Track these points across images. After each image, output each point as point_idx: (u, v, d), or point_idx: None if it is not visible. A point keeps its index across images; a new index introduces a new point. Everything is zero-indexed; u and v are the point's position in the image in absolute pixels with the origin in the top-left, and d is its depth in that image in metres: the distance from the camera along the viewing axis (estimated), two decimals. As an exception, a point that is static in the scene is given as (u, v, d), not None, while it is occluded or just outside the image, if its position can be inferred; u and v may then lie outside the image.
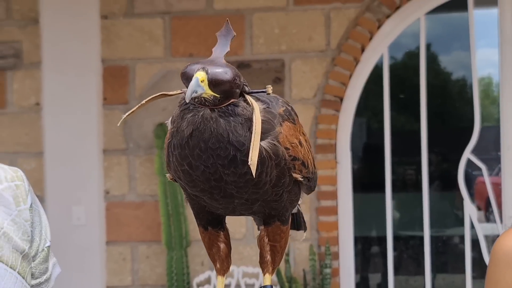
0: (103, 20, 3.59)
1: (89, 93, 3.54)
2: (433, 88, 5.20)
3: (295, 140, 0.73)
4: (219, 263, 0.80)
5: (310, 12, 3.53)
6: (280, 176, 0.71)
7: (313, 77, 3.53)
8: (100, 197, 3.55)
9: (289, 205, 0.77)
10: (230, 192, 0.69)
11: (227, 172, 0.68)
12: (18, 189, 0.85)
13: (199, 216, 0.79)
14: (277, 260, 0.80)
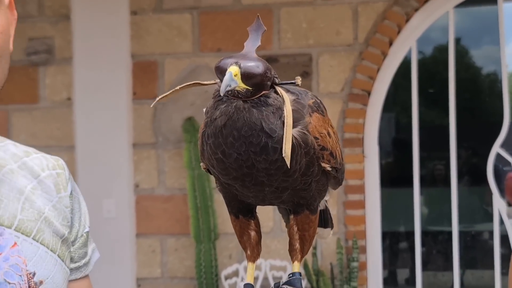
0: (132, 16, 3.64)
1: (119, 88, 3.59)
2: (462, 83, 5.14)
3: (323, 131, 0.75)
4: (249, 250, 0.83)
5: (338, 6, 3.53)
6: (309, 165, 0.73)
7: (341, 71, 3.53)
8: (130, 190, 3.61)
9: (317, 195, 0.79)
10: (261, 180, 0.71)
11: (258, 159, 0.69)
12: (59, 177, 0.88)
13: (231, 205, 0.81)
14: (306, 249, 0.81)
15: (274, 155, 0.69)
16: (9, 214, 0.77)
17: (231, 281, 3.45)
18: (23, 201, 0.80)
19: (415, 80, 3.66)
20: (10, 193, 0.79)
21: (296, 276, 0.78)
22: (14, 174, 0.82)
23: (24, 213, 0.79)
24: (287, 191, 0.74)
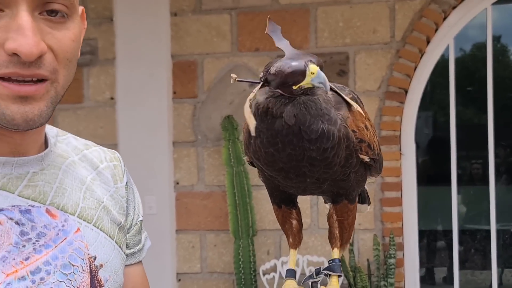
0: (172, 17, 3.73)
1: (160, 88, 3.68)
2: (500, 81, 5.09)
3: (361, 124, 0.79)
4: (291, 237, 0.87)
5: (375, 5, 3.54)
6: (348, 157, 0.77)
7: (377, 69, 3.55)
8: (170, 187, 3.69)
9: (356, 185, 0.83)
10: (304, 171, 0.75)
11: (312, 147, 0.73)
12: (115, 168, 0.95)
13: (273, 195, 0.85)
14: (345, 236, 0.86)
15: (327, 143, 0.73)
16: (73, 202, 0.84)
17: (269, 276, 3.50)
18: (84, 191, 0.87)
19: (453, 78, 3.65)
20: (73, 183, 0.86)
21: (335, 262, 0.83)
22: (76, 166, 0.89)
23: (85, 202, 0.86)
24: (327, 182, 0.78)
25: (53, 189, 0.82)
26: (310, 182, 0.78)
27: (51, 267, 0.77)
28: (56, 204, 0.82)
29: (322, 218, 3.57)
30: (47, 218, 0.80)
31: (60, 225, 0.81)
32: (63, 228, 0.82)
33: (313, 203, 3.59)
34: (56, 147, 0.88)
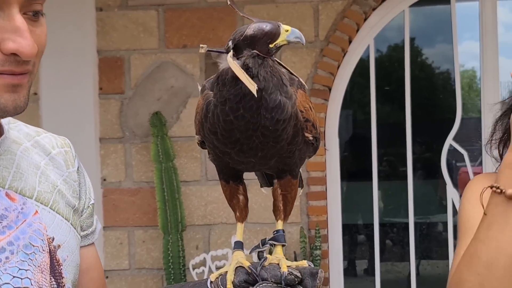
0: (98, 12, 3.71)
1: (86, 83, 3.65)
2: (417, 80, 5.38)
3: (307, 105, 0.86)
4: (238, 211, 0.94)
5: (299, 5, 3.67)
6: (295, 135, 0.83)
7: (303, 67, 3.67)
8: (97, 184, 3.67)
9: (299, 162, 0.89)
10: (256, 143, 0.81)
11: (267, 116, 0.79)
12: (67, 154, 1.00)
13: (223, 172, 0.91)
14: (288, 209, 0.93)
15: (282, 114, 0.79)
16: (30, 186, 0.88)
17: (198, 271, 3.56)
18: (40, 175, 0.91)
19: (373, 77, 3.84)
20: (28, 168, 0.90)
21: (280, 233, 0.90)
22: (29, 152, 0.93)
23: (41, 186, 0.90)
24: (274, 158, 0.84)
25: (10, 173, 0.86)
26: (260, 157, 0.83)
27: (14, 247, 0.82)
28: (14, 188, 0.86)
29: (250, 212, 3.66)
30: (7, 201, 0.84)
31: (19, 208, 0.86)
32: (22, 211, 0.86)
33: (241, 198, 3.67)
34: (9, 133, 0.91)
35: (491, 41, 3.67)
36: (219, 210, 3.67)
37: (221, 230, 3.68)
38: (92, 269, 1.00)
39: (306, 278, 0.81)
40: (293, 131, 0.83)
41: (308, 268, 0.83)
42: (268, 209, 3.79)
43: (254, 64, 0.79)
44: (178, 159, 3.57)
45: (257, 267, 0.84)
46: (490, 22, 3.67)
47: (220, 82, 0.81)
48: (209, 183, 3.66)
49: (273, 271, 0.82)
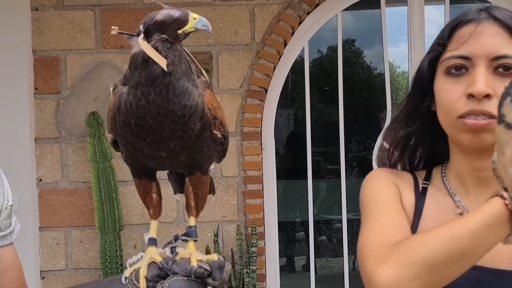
0: (33, 11, 3.66)
1: (21, 83, 3.60)
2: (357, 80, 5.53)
3: (215, 104, 0.90)
4: (152, 209, 0.96)
5: (236, 8, 3.73)
6: (202, 130, 0.87)
7: (239, 68, 3.73)
8: (32, 184, 3.63)
9: (207, 159, 0.92)
10: (167, 132, 0.84)
11: (175, 101, 0.82)
12: None
13: (136, 169, 0.93)
14: (200, 206, 0.96)
15: (188, 100, 0.83)
16: None
17: (135, 270, 3.57)
18: None
19: (308, 78, 3.93)
20: None
21: (192, 229, 0.94)
22: None
23: None
24: (184, 153, 0.88)
25: None
26: (170, 149, 0.86)
27: None
28: None
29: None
30: None
31: None
32: None
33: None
34: None
35: (419, 43, 3.82)
36: (157, 209, 3.69)
37: (159, 228, 3.70)
38: (10, 268, 1.03)
39: (215, 271, 0.86)
40: (200, 125, 0.86)
41: (217, 262, 0.88)
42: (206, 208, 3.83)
43: (163, 48, 0.83)
44: (115, 159, 3.57)
45: (168, 262, 0.88)
46: (418, 25, 3.82)
47: (132, 66, 0.84)
48: (147, 182, 3.67)
49: (184, 265, 0.86)
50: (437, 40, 1.08)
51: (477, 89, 0.97)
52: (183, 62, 0.84)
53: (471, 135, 0.99)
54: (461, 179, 1.09)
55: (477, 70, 0.99)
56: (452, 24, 1.06)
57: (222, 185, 3.72)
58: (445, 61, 1.04)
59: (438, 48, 1.07)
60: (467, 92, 0.99)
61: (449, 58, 1.03)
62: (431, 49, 1.09)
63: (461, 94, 1.01)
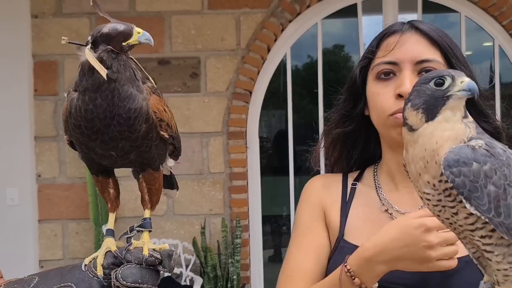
0: (33, 19, 3.69)
1: (21, 85, 3.63)
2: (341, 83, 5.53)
3: (160, 107, 0.90)
4: (110, 203, 0.97)
5: (223, 16, 3.76)
6: (149, 131, 0.88)
7: (226, 72, 3.77)
8: (32, 180, 3.66)
9: (157, 157, 0.93)
10: (115, 133, 0.85)
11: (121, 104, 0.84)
12: None
13: (92, 167, 0.94)
14: (154, 200, 0.97)
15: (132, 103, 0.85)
16: None
17: (127, 259, 3.60)
18: None
19: (290, 81, 3.97)
20: None
21: (147, 221, 0.95)
22: None
23: None
24: (133, 152, 0.89)
25: None
26: (120, 149, 0.88)
27: None
28: None
29: (177, 205, 3.74)
30: None
31: None
32: None
33: (169, 192, 3.74)
34: None
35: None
36: (148, 203, 3.72)
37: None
38: None
39: (165, 259, 0.89)
40: (146, 126, 0.88)
41: (167, 251, 0.90)
42: (194, 202, 3.86)
43: (108, 58, 0.85)
44: (109, 157, 3.60)
45: (122, 251, 0.91)
46: (392, 34, 3.86)
47: (80, 73, 0.86)
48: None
49: (137, 254, 0.89)
50: (367, 49, 1.13)
51: (404, 89, 1.02)
52: (128, 70, 0.86)
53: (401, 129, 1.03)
54: (391, 176, 1.13)
55: (403, 73, 1.05)
56: (380, 35, 1.12)
57: (209, 181, 3.76)
58: (375, 67, 1.09)
59: (368, 56, 1.12)
60: (396, 92, 1.04)
61: (379, 64, 1.08)
62: (362, 58, 1.14)
63: (391, 95, 1.06)
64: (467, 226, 0.72)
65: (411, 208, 1.08)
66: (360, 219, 1.09)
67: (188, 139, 3.71)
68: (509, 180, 0.69)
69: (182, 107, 3.74)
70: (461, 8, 3.85)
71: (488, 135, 0.75)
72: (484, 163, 0.69)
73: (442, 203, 0.72)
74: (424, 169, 0.73)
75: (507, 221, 0.68)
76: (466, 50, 4.07)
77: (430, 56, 1.06)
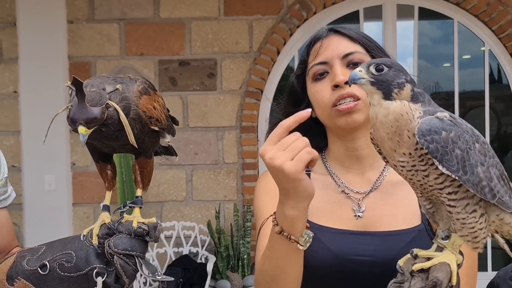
0: (69, 24, 3.76)
1: (58, 84, 3.70)
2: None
3: (150, 106, 0.93)
4: (107, 182, 1.01)
5: (237, 22, 3.78)
6: (141, 128, 0.91)
7: (239, 73, 3.79)
8: (67, 167, 3.74)
9: (150, 146, 0.97)
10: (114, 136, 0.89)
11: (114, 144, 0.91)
12: None
13: (93, 154, 0.98)
14: (145, 181, 1.00)
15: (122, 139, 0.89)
16: None
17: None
18: None
19: (298, 81, 3.97)
20: None
21: (138, 198, 1.00)
22: None
23: None
24: (129, 144, 0.91)
25: None
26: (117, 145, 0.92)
27: None
28: None
29: (196, 192, 3.79)
30: None
31: None
32: None
33: (188, 179, 3.79)
34: None
35: (392, 51, 3.84)
36: (170, 189, 3.78)
37: (171, 206, 3.80)
38: (2, 227, 1.10)
39: (151, 230, 0.93)
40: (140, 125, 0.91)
41: (153, 223, 0.94)
42: (210, 189, 3.89)
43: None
44: (135, 147, 3.65)
45: (115, 224, 0.95)
46: (391, 37, 3.84)
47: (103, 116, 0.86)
48: (161, 167, 3.76)
49: (127, 226, 0.93)
50: (300, 60, 1.17)
51: (338, 79, 1.06)
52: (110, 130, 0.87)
53: (346, 117, 1.06)
54: (341, 161, 1.15)
55: (334, 68, 1.08)
56: (308, 45, 1.16)
57: (224, 170, 3.80)
58: (310, 70, 1.12)
59: (301, 66, 1.16)
60: (332, 84, 1.07)
61: (312, 67, 1.11)
62: (297, 68, 1.18)
63: (328, 89, 1.08)
64: (436, 186, 0.76)
65: (363, 187, 1.11)
66: (321, 201, 1.10)
67: (205, 133, 3.75)
68: (469, 144, 0.74)
69: (200, 104, 3.78)
70: (454, 15, 3.81)
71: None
72: (450, 131, 0.73)
73: (416, 168, 0.76)
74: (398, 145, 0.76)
75: (471, 178, 0.74)
76: (464, 55, 4.04)
77: (353, 49, 1.09)
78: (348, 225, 1.06)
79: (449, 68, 4.02)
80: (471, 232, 0.77)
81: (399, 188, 1.07)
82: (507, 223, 0.78)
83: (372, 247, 1.02)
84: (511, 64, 3.81)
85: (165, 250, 3.67)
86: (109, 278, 0.89)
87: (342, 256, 1.02)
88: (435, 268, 0.77)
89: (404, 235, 1.02)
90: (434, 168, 0.75)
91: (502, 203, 0.76)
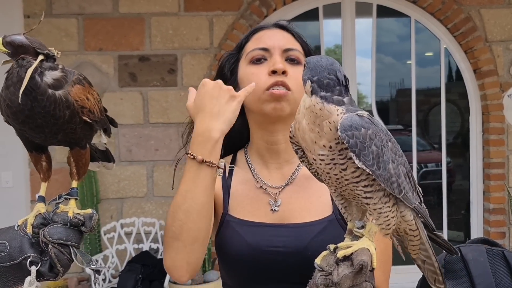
0: (26, 19, 3.71)
1: (15, 79, 3.64)
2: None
3: (82, 96, 0.93)
4: (42, 174, 1.01)
5: (197, 17, 3.80)
6: (72, 116, 0.91)
7: (200, 69, 3.81)
8: (25, 164, 3.69)
9: (83, 137, 0.96)
10: (40, 122, 0.88)
11: (34, 104, 0.86)
12: None
13: (26, 144, 0.96)
14: (81, 172, 1.01)
15: (41, 102, 0.87)
16: None
17: (109, 236, 3.65)
18: None
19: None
20: None
21: (74, 190, 1.00)
22: None
23: None
24: (60, 134, 0.91)
25: None
26: (47, 132, 0.90)
27: None
28: None
29: (156, 188, 3.79)
30: None
31: None
32: None
33: (149, 175, 3.79)
34: None
35: (351, 49, 3.92)
36: (130, 186, 3.77)
37: (132, 202, 3.79)
38: None
39: (87, 220, 0.95)
40: (69, 112, 0.90)
41: (89, 214, 0.96)
42: (171, 185, 3.90)
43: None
44: (94, 144, 3.63)
45: (51, 214, 0.96)
46: (349, 34, 3.91)
47: (14, 71, 0.90)
48: (122, 163, 3.75)
49: (62, 216, 0.94)
50: (238, 45, 1.20)
51: (278, 66, 1.10)
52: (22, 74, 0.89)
53: (275, 103, 1.10)
54: (261, 155, 1.19)
55: (275, 56, 1.13)
56: (250, 32, 1.20)
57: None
58: (250, 53, 1.15)
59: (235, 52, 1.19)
60: (270, 69, 1.11)
61: (253, 50, 1.15)
62: (231, 52, 1.21)
63: (265, 73, 1.12)
64: (353, 180, 0.81)
65: (280, 182, 1.15)
66: (240, 195, 1.14)
67: (166, 129, 3.76)
68: (384, 142, 0.80)
69: (160, 100, 3.78)
70: (411, 13, 3.91)
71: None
72: (368, 129, 0.78)
73: (335, 161, 0.81)
74: (319, 136, 0.80)
75: (383, 173, 0.79)
76: (427, 52, 4.14)
77: (294, 46, 1.15)
78: (265, 219, 1.11)
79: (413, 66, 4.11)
80: (385, 220, 0.83)
81: (313, 181, 1.12)
82: (405, 220, 0.85)
83: (285, 238, 1.07)
84: (465, 61, 3.93)
85: (125, 246, 3.66)
86: (43, 267, 0.90)
87: (258, 248, 1.07)
88: (357, 253, 0.82)
89: (315, 226, 1.07)
90: (352, 162, 0.79)
91: (407, 198, 0.82)
